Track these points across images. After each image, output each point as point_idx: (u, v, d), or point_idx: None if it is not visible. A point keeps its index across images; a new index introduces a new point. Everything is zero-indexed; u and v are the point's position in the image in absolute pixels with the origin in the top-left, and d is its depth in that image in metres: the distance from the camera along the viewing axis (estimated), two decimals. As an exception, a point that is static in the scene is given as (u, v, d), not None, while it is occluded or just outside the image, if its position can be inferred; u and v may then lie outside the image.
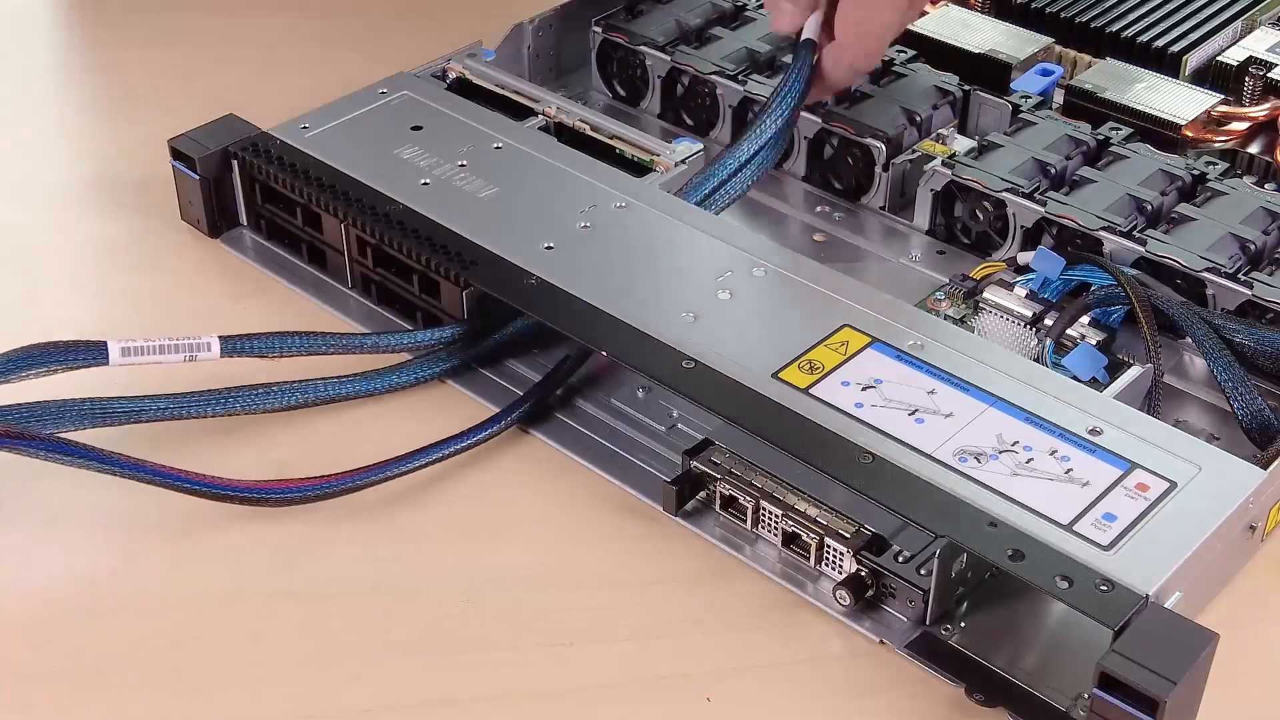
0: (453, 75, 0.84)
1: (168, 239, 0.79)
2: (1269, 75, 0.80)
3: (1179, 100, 0.80)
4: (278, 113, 0.79)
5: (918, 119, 0.79)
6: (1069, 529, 0.55)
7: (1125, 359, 0.66)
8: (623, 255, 0.68)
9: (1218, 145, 0.78)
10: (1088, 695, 0.52)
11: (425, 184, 0.73)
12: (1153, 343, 0.65)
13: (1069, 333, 0.67)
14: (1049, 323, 0.68)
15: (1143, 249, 0.70)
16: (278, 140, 0.76)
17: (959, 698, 0.55)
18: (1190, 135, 0.78)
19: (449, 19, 1.00)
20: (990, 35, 0.86)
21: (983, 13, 0.89)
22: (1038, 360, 0.64)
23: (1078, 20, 0.86)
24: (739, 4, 0.89)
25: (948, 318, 0.69)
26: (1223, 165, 0.75)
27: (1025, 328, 0.68)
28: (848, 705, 0.55)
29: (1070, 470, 0.57)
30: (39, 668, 0.56)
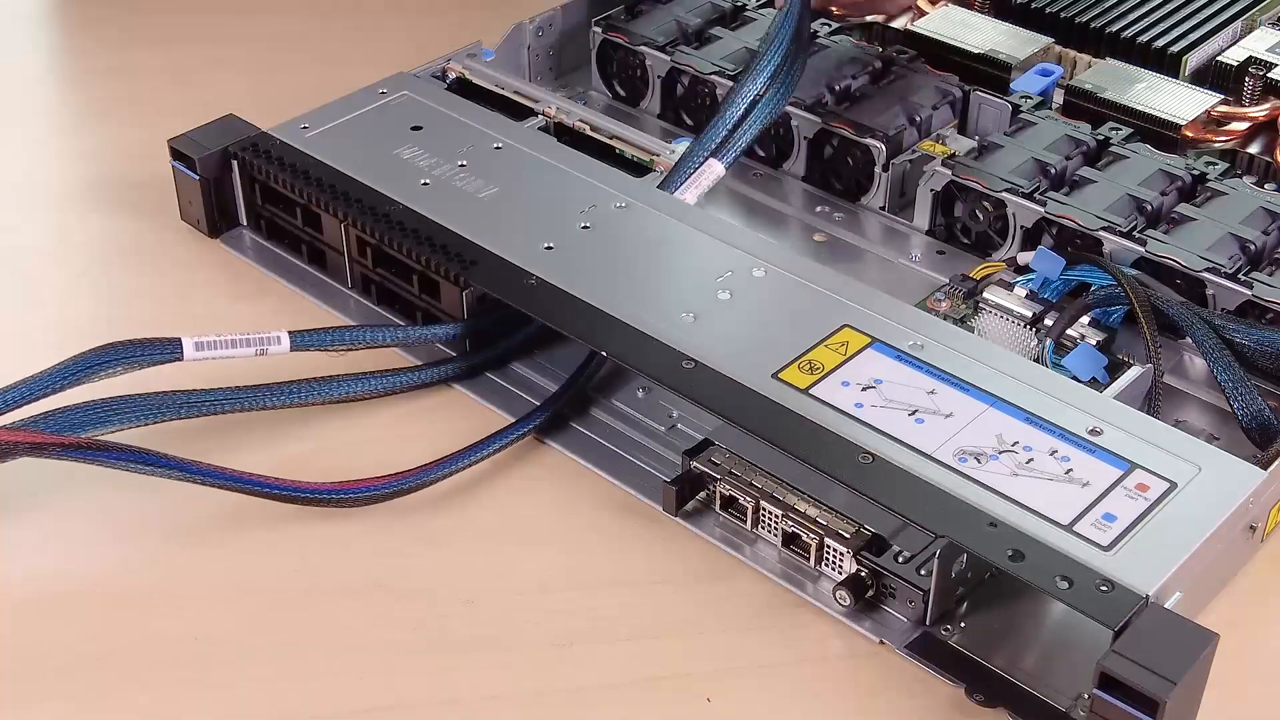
0: (453, 75, 0.84)
1: (168, 239, 0.79)
2: (1269, 75, 0.80)
3: (1179, 100, 0.80)
4: (278, 113, 0.79)
5: (918, 119, 0.79)
6: (1069, 529, 0.55)
7: (1125, 359, 0.66)
8: (623, 255, 0.68)
9: (1218, 145, 0.78)
10: (1088, 695, 0.52)
11: (425, 184, 0.73)
12: (1153, 343, 0.65)
13: (1069, 333, 0.67)
14: (1049, 323, 0.68)
15: (1143, 249, 0.70)
16: (277, 140, 0.76)
17: (959, 698, 0.55)
18: (1190, 135, 0.78)
19: (448, 19, 1.00)
20: (990, 35, 0.86)
21: (983, 13, 0.89)
22: (1038, 360, 0.64)
23: (1078, 20, 0.86)
24: (739, 4, 0.89)
25: (948, 318, 0.69)
26: (1223, 165, 0.75)
27: (1025, 328, 0.68)
28: (848, 705, 0.55)
29: (1070, 470, 0.57)
30: (43, 662, 0.56)
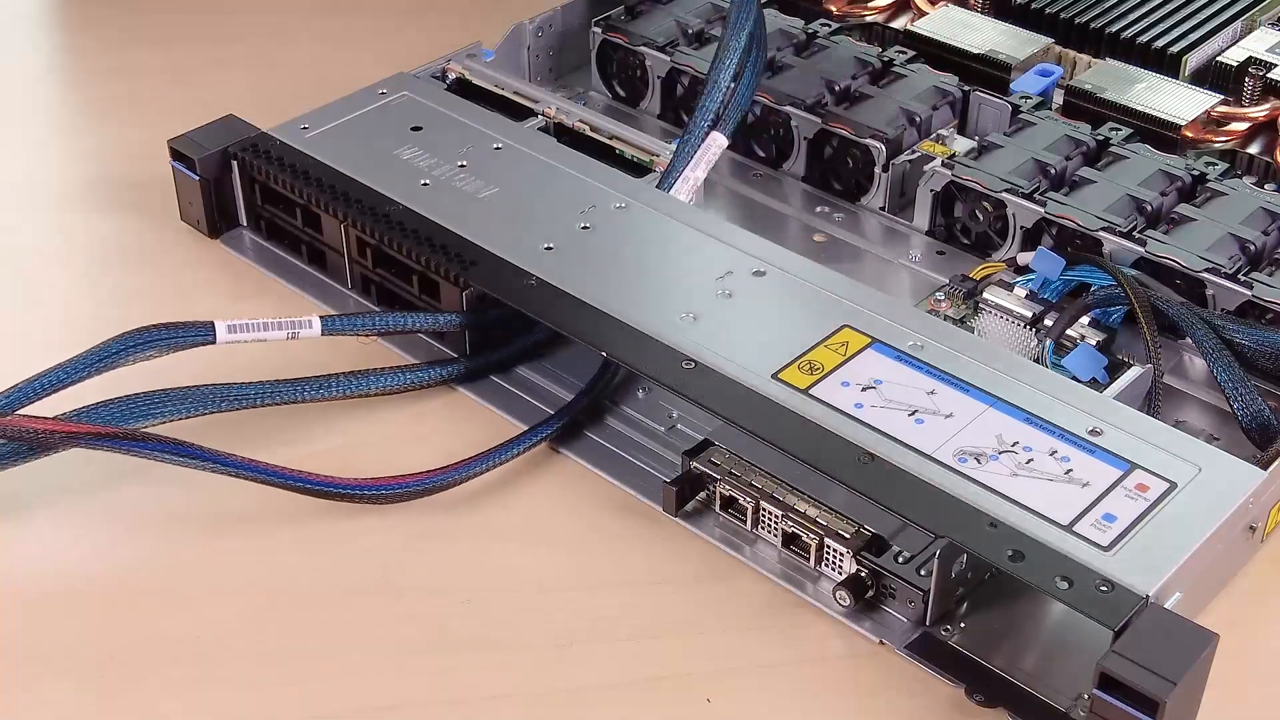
0: (452, 75, 0.84)
1: (168, 239, 0.79)
2: (1269, 75, 0.80)
3: (1179, 100, 0.80)
4: (278, 113, 0.79)
5: (918, 119, 0.79)
6: (1069, 530, 0.55)
7: (1125, 359, 0.66)
8: (623, 255, 0.68)
9: (1217, 145, 0.78)
10: (1088, 696, 0.52)
11: (425, 184, 0.73)
12: (1153, 343, 0.65)
13: (1069, 333, 0.67)
14: (1049, 323, 0.68)
15: (1143, 249, 0.70)
16: (277, 141, 0.76)
17: (959, 698, 0.55)
18: (1190, 135, 0.78)
19: (448, 19, 1.00)
20: (990, 35, 0.86)
21: (983, 13, 0.89)
22: (1038, 361, 0.64)
23: (1078, 20, 0.86)
24: (739, 4, 0.89)
25: (948, 318, 0.69)
26: (1223, 165, 0.75)
27: (1025, 328, 0.68)
28: (848, 705, 0.55)
29: (1070, 471, 0.57)
30: (47, 658, 0.56)
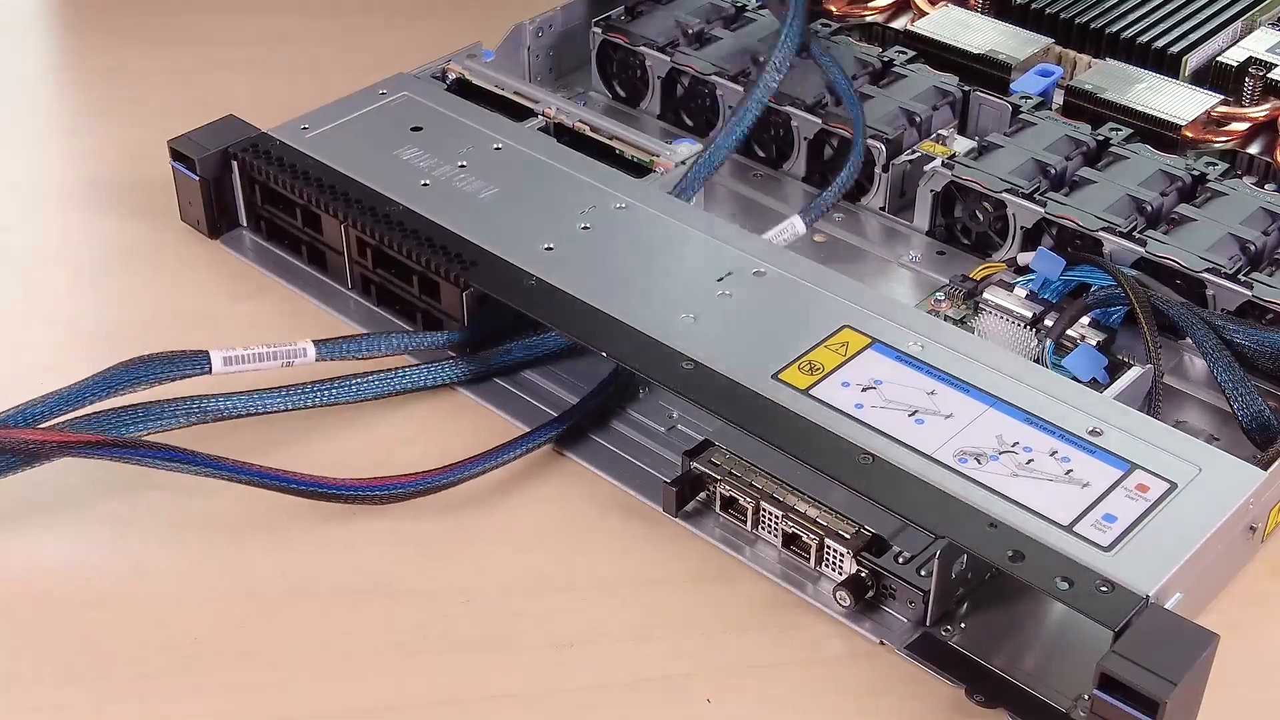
0: (452, 76, 0.84)
1: (168, 239, 0.79)
2: (1269, 75, 0.80)
3: (1179, 101, 0.80)
4: (278, 113, 0.79)
5: (918, 119, 0.79)
6: (1069, 530, 0.55)
7: (1125, 359, 0.66)
8: (623, 256, 0.68)
9: (1217, 146, 0.78)
10: (1088, 696, 0.52)
11: (425, 185, 0.73)
12: (1153, 343, 0.65)
13: (1069, 333, 0.67)
14: (1049, 323, 0.68)
15: (1143, 249, 0.70)
16: (277, 141, 0.76)
17: (959, 699, 0.55)
18: (1190, 136, 0.78)
19: (448, 19, 1.00)
20: (990, 35, 0.86)
21: (983, 13, 0.89)
22: (1038, 361, 0.64)
23: (1078, 20, 0.86)
24: (739, 4, 0.89)
25: (948, 318, 0.69)
26: (1223, 166, 0.75)
27: (1025, 328, 0.68)
28: (848, 706, 0.55)
29: (1070, 471, 0.57)
30: (43, 663, 0.56)
